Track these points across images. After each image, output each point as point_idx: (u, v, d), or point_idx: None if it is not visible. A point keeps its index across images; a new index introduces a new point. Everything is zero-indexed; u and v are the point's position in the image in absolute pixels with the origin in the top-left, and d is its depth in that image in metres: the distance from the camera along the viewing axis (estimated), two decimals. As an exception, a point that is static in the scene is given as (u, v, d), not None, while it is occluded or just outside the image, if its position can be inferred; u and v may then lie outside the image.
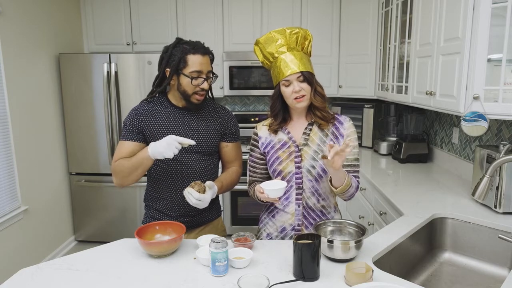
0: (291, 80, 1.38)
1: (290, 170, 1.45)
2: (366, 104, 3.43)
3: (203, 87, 1.50)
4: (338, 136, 1.46)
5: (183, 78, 1.48)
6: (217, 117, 1.62)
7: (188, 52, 1.47)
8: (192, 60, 1.47)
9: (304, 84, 1.39)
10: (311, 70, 1.42)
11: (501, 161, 1.45)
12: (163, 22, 3.52)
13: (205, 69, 1.49)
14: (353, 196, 1.44)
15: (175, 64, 1.47)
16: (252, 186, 1.52)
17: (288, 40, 1.41)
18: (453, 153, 2.55)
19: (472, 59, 1.71)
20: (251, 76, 3.51)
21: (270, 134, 1.51)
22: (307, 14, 3.48)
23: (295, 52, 1.40)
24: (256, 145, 1.55)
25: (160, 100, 1.59)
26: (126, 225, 3.47)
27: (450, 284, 1.53)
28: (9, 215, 2.64)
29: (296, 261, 1.15)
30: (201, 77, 1.49)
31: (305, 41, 1.44)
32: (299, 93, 1.38)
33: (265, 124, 1.55)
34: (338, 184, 1.34)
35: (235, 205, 3.47)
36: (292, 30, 1.41)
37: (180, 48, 1.48)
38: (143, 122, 1.53)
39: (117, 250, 1.39)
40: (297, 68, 1.37)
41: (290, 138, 1.47)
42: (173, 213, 1.59)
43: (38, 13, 3.01)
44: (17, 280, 1.18)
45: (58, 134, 3.31)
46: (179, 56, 1.47)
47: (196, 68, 1.47)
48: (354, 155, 1.47)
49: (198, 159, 1.57)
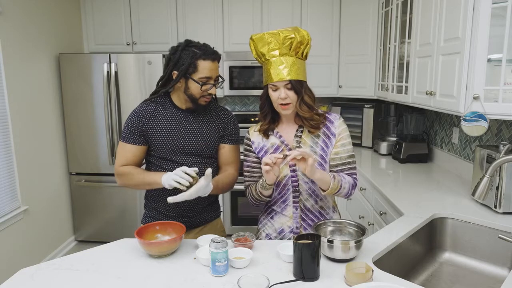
0: (279, 86, 1.36)
1: (286, 174, 1.45)
2: (366, 104, 3.43)
3: (211, 92, 1.50)
4: (329, 136, 1.45)
5: (191, 82, 1.47)
6: (218, 119, 1.62)
7: (199, 57, 1.45)
8: (202, 66, 1.45)
9: (291, 92, 1.35)
10: (302, 78, 1.37)
11: (501, 161, 1.45)
12: (163, 22, 3.52)
13: (214, 74, 1.49)
14: (350, 194, 1.42)
15: (184, 68, 1.45)
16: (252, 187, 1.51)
17: (281, 45, 1.35)
18: (453, 153, 2.55)
19: (472, 59, 1.70)
20: (251, 76, 3.51)
21: (262, 139, 1.49)
22: (307, 14, 3.48)
23: (287, 57, 1.35)
24: (250, 150, 1.53)
25: (163, 101, 1.58)
26: (126, 225, 3.47)
27: (450, 284, 1.53)
28: (9, 215, 2.64)
29: (296, 261, 1.15)
30: (210, 83, 1.48)
31: (301, 45, 1.37)
32: (284, 100, 1.36)
33: (256, 130, 1.53)
34: (324, 187, 1.35)
35: (235, 205, 3.47)
36: (287, 35, 1.35)
37: (190, 53, 1.45)
38: (145, 124, 1.53)
39: (117, 250, 1.39)
40: (285, 76, 1.33)
41: (283, 142, 1.46)
42: (172, 214, 1.59)
43: (38, 13, 3.01)
44: (17, 280, 1.18)
45: (58, 134, 3.31)
46: (189, 61, 1.45)
47: (206, 75, 1.46)
48: (348, 152, 1.45)
49: (198, 161, 1.56)
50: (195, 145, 1.55)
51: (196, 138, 1.55)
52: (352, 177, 1.45)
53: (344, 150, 1.45)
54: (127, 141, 1.54)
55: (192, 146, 1.55)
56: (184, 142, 1.54)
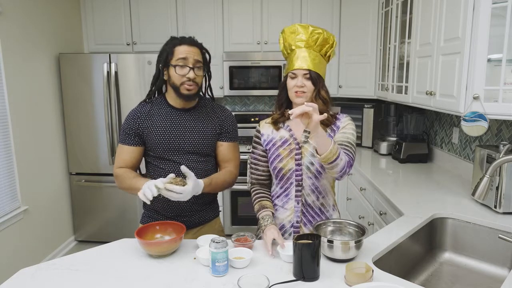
0: (298, 74, 1.41)
1: (291, 168, 1.46)
2: (366, 104, 3.43)
3: (189, 76, 1.48)
4: (334, 129, 1.47)
5: (171, 70, 1.50)
6: (215, 117, 1.62)
7: (176, 44, 1.49)
8: (177, 50, 1.48)
9: (308, 82, 1.41)
10: (321, 73, 1.43)
11: (501, 161, 1.45)
12: (163, 22, 3.52)
13: (190, 57, 1.48)
14: (344, 172, 1.34)
15: (164, 57, 1.50)
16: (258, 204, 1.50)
17: (308, 37, 1.42)
18: (453, 153, 2.55)
19: (472, 59, 1.70)
20: (251, 76, 3.51)
21: (272, 131, 1.52)
22: (307, 14, 3.48)
23: (311, 50, 1.42)
24: (258, 142, 1.56)
25: (158, 101, 1.59)
26: (126, 225, 3.47)
27: (450, 284, 1.53)
28: (9, 215, 2.64)
29: (296, 261, 1.15)
30: (186, 65, 1.48)
31: (326, 44, 1.45)
32: (300, 88, 1.41)
33: (268, 122, 1.56)
34: (322, 150, 1.26)
35: (235, 205, 3.47)
36: (315, 29, 1.43)
37: (169, 43, 1.52)
38: (141, 125, 1.54)
39: (117, 250, 1.39)
40: (306, 65, 1.40)
41: (292, 135, 1.48)
42: (170, 214, 1.58)
43: (38, 13, 3.01)
44: (17, 280, 1.18)
45: (58, 134, 3.31)
46: (167, 50, 1.50)
47: (181, 56, 1.47)
48: (347, 139, 1.43)
49: (195, 159, 1.56)
50: (191, 143, 1.55)
51: (192, 136, 1.55)
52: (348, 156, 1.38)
53: (343, 136, 1.43)
54: (124, 143, 1.56)
55: (188, 144, 1.55)
56: (180, 140, 1.54)
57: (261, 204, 1.50)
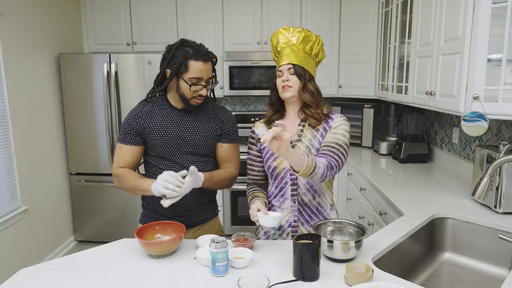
0: (283, 70, 1.45)
1: (285, 167, 1.47)
2: (366, 104, 3.43)
3: (202, 94, 1.50)
4: (327, 129, 1.47)
5: (182, 82, 1.48)
6: (215, 118, 1.62)
7: (190, 57, 1.45)
8: (193, 66, 1.46)
9: (293, 77, 1.44)
10: (306, 67, 1.45)
11: (501, 161, 1.45)
12: (163, 22, 3.52)
13: (205, 76, 1.49)
14: (325, 176, 1.31)
15: (176, 68, 1.47)
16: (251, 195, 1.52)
17: (289, 37, 1.48)
18: (453, 153, 2.55)
19: (472, 59, 1.70)
20: (251, 76, 3.51)
21: (266, 130, 1.53)
22: (307, 14, 3.49)
23: (293, 47, 1.46)
24: (253, 143, 1.58)
25: (160, 100, 1.59)
26: (126, 225, 3.47)
27: (450, 284, 1.53)
28: (9, 215, 2.64)
29: (296, 261, 1.15)
30: (200, 84, 1.48)
31: (309, 41, 1.48)
32: (286, 82, 1.44)
33: (262, 121, 1.59)
34: (297, 168, 1.24)
35: (235, 205, 3.47)
36: (296, 29, 1.48)
37: (183, 52, 1.46)
38: (142, 124, 1.54)
39: (117, 250, 1.39)
40: (288, 60, 1.44)
41: None
42: (169, 213, 1.58)
43: (38, 13, 3.01)
44: (17, 280, 1.18)
45: (58, 134, 3.31)
46: (181, 60, 1.46)
47: (196, 75, 1.47)
48: (337, 140, 1.40)
49: (195, 160, 1.57)
50: (191, 143, 1.55)
51: (192, 136, 1.56)
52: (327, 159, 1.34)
53: (333, 137, 1.42)
54: (124, 142, 1.55)
55: (188, 145, 1.55)
56: (180, 140, 1.54)
57: (253, 195, 1.51)
